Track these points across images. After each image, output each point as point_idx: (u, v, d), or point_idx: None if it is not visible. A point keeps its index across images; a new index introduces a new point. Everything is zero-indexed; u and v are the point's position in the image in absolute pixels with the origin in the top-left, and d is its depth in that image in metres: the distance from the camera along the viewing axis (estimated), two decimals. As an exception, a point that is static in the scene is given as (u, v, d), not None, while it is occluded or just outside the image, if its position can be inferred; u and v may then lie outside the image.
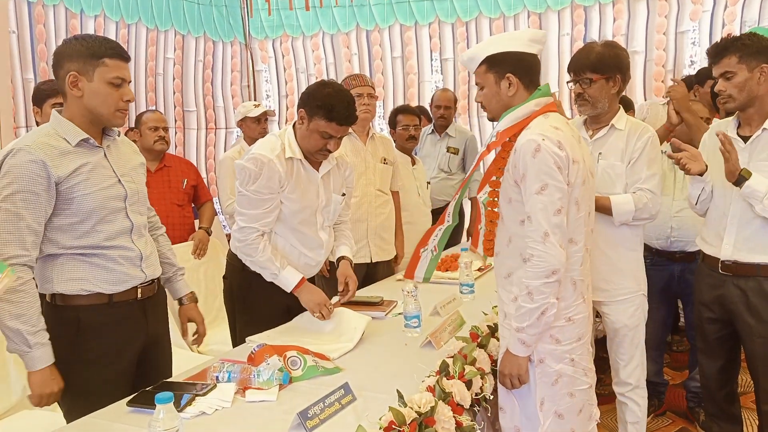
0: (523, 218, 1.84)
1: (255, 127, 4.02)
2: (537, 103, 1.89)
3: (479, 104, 2.01)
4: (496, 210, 1.94)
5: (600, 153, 2.47)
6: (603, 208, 2.38)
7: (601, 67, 2.36)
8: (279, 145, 2.42)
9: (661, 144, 2.66)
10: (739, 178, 2.32)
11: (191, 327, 2.38)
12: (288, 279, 2.42)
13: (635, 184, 2.41)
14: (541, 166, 1.77)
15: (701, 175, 2.44)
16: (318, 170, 2.52)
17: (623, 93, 2.51)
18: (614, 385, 2.57)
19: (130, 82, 1.98)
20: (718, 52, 2.41)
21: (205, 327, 2.39)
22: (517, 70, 1.89)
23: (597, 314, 2.74)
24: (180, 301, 2.34)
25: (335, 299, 2.77)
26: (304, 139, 2.42)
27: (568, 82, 2.51)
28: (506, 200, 1.90)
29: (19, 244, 1.80)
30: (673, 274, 3.07)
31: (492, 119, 1.98)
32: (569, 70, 2.46)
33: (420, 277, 2.20)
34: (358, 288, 3.13)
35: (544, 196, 1.77)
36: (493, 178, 1.94)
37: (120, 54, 1.92)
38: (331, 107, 2.31)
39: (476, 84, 1.99)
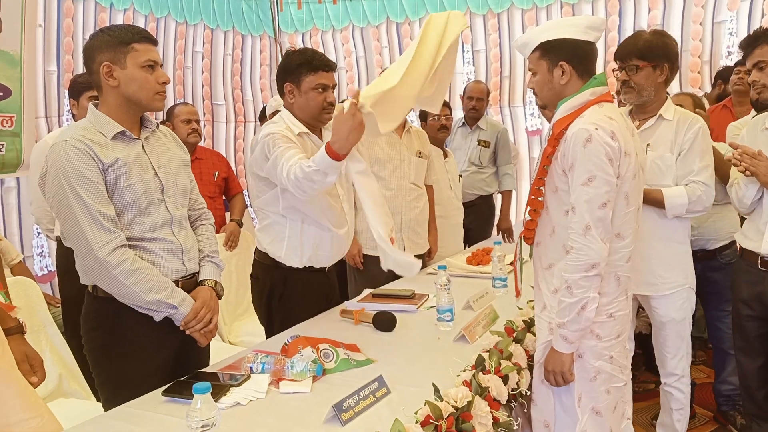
0: (568, 209, 1.80)
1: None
2: (592, 92, 1.85)
3: (532, 90, 1.97)
4: (540, 199, 1.90)
5: (648, 144, 2.43)
6: (655, 201, 2.35)
7: (649, 55, 2.34)
8: (281, 124, 2.42)
9: None
10: None
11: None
12: (323, 160, 2.07)
13: (687, 176, 2.36)
14: (590, 157, 1.72)
15: None
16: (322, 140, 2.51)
17: (671, 83, 2.47)
18: (661, 375, 2.60)
19: (162, 65, 1.98)
20: (750, 42, 2.39)
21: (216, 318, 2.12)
22: (571, 58, 1.85)
23: (639, 308, 2.71)
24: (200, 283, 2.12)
25: (366, 292, 2.76)
26: (303, 108, 2.45)
27: (614, 70, 2.48)
28: (552, 189, 1.86)
29: (103, 229, 1.81)
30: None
31: (542, 106, 1.94)
32: (616, 58, 2.44)
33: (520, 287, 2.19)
34: (391, 281, 3.12)
35: (591, 188, 1.73)
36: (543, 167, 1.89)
37: (147, 38, 1.93)
38: (310, 59, 2.40)
39: (529, 69, 1.96)
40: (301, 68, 2.40)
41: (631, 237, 1.85)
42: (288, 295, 2.54)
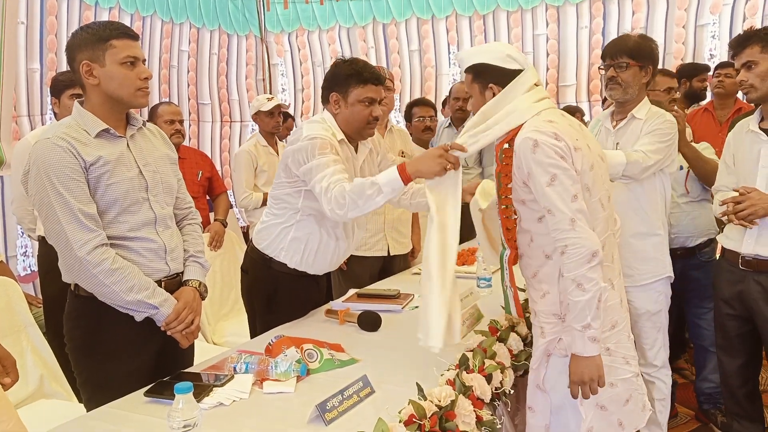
0: (540, 215, 1.81)
1: (268, 121, 4.00)
2: None
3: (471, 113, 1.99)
4: (513, 218, 1.91)
5: (617, 144, 2.50)
6: None
7: (638, 55, 2.43)
8: (328, 130, 2.33)
9: None
10: None
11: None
12: (389, 175, 2.05)
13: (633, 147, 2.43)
14: (543, 159, 1.74)
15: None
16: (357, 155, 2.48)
17: (649, 86, 2.55)
18: (641, 366, 2.54)
19: (145, 60, 1.95)
20: (740, 42, 2.43)
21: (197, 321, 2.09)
22: (498, 80, 1.87)
23: None
24: (184, 283, 2.10)
25: (351, 292, 2.76)
26: (348, 120, 2.36)
27: (599, 68, 2.56)
28: (519, 203, 1.87)
29: (83, 227, 1.79)
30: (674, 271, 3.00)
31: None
32: (604, 56, 2.51)
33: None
34: (375, 281, 3.12)
35: (557, 185, 1.74)
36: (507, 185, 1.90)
37: (126, 33, 1.89)
38: (359, 71, 2.33)
39: (466, 92, 2.01)
40: (350, 79, 2.32)
41: (601, 226, 1.85)
42: (277, 300, 2.50)
